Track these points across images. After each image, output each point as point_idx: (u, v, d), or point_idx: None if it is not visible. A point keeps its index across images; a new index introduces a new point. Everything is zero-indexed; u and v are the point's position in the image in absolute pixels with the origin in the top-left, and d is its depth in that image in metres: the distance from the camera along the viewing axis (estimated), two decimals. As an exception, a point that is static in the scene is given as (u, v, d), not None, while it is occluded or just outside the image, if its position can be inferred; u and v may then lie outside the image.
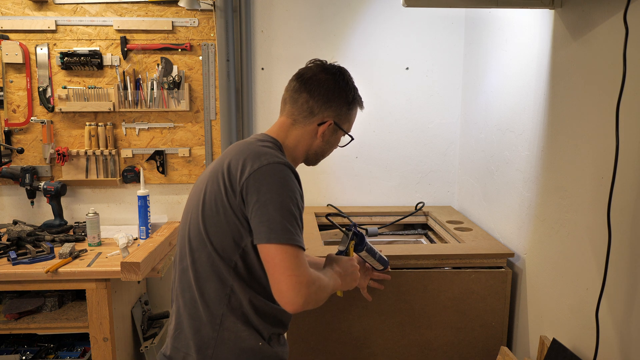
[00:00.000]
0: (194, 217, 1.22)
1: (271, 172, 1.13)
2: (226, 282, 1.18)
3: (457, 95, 2.45)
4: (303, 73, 1.32)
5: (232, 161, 1.18)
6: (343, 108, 1.31)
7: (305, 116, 1.29)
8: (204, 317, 1.19)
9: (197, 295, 1.19)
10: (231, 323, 1.18)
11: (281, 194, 1.11)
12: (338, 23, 2.38)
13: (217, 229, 1.17)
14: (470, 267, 1.75)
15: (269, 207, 1.10)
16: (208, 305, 1.18)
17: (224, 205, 1.16)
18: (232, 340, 1.18)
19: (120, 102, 2.36)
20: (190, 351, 1.19)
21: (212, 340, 1.18)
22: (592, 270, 1.33)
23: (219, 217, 1.16)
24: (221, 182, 1.17)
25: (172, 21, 2.34)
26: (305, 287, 1.08)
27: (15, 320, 2.04)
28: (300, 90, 1.29)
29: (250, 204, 1.12)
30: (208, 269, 1.18)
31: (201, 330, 1.19)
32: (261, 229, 1.10)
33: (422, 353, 1.79)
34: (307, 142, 1.32)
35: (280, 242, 1.09)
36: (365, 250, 1.48)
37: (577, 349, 1.39)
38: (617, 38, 1.19)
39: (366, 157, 2.49)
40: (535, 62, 1.66)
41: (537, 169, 1.65)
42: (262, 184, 1.12)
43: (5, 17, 2.30)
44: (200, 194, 1.23)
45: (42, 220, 2.43)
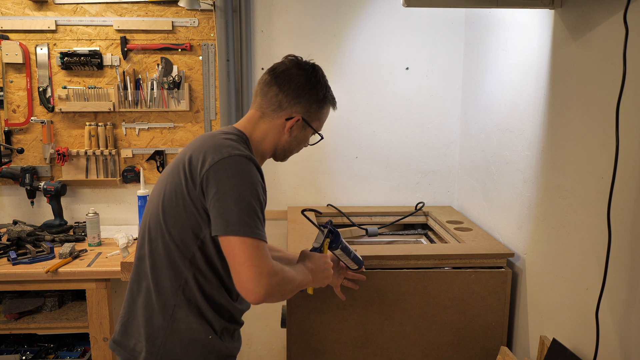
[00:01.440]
0: (154, 207, 1.23)
1: (231, 165, 1.12)
2: (181, 274, 1.18)
3: (457, 95, 2.45)
4: (276, 67, 1.29)
5: (194, 153, 1.17)
6: (313, 105, 1.29)
7: (273, 110, 1.28)
8: (156, 307, 1.20)
9: (152, 285, 1.20)
10: (183, 314, 1.19)
11: (240, 187, 1.11)
12: (338, 23, 2.38)
13: (175, 220, 1.17)
14: (470, 267, 1.75)
15: (227, 199, 1.10)
16: (161, 295, 1.19)
17: (183, 197, 1.16)
18: (182, 331, 1.19)
19: (120, 102, 2.36)
20: (141, 339, 1.20)
21: (162, 329, 1.19)
22: (592, 270, 1.33)
23: (179, 208, 1.17)
24: (182, 173, 1.17)
25: (172, 21, 2.34)
26: (267, 278, 1.07)
27: (15, 320, 2.04)
28: (271, 84, 1.27)
29: (209, 196, 1.12)
30: (164, 259, 1.19)
31: (153, 319, 1.20)
32: (219, 221, 1.10)
33: (422, 353, 1.79)
34: (274, 136, 1.30)
35: (238, 234, 1.08)
36: (340, 248, 1.47)
37: (577, 349, 1.39)
38: (617, 38, 1.19)
39: (366, 157, 2.49)
40: (535, 62, 1.66)
41: (537, 169, 1.65)
42: (221, 176, 1.11)
43: (5, 17, 2.30)
44: (162, 185, 1.23)
45: (42, 220, 2.43)
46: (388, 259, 1.75)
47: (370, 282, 1.73)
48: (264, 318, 2.63)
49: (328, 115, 1.38)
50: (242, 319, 1.34)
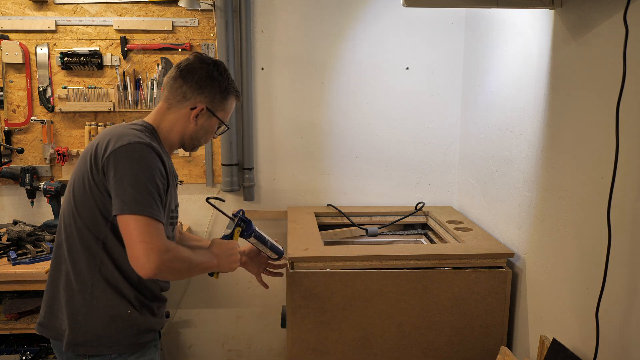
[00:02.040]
0: (67, 195, 1.31)
1: (130, 151, 1.21)
2: (96, 254, 1.26)
3: (457, 95, 2.45)
4: (181, 62, 1.39)
5: (100, 142, 1.26)
6: (217, 96, 1.38)
7: (178, 100, 1.36)
8: (75, 287, 1.27)
9: (70, 267, 1.28)
10: (101, 292, 1.27)
11: (136, 170, 1.20)
12: (338, 23, 2.38)
13: (85, 205, 1.26)
14: (470, 267, 1.75)
15: (124, 181, 1.18)
16: (79, 276, 1.27)
17: (89, 182, 1.25)
18: (102, 308, 1.27)
19: (120, 102, 2.36)
20: (64, 318, 1.28)
21: (82, 307, 1.27)
22: (592, 270, 1.33)
23: (86, 193, 1.25)
24: (88, 160, 1.26)
25: (172, 21, 2.34)
26: (157, 254, 1.14)
27: (15, 320, 2.04)
28: (176, 77, 1.36)
29: (109, 179, 1.21)
30: (79, 243, 1.27)
31: (73, 299, 1.27)
32: (116, 202, 1.18)
33: (423, 353, 1.79)
34: (181, 126, 1.38)
35: (132, 213, 1.16)
36: (254, 237, 1.52)
37: (577, 349, 1.39)
38: (617, 38, 1.19)
39: (366, 157, 2.49)
40: (535, 62, 1.66)
41: (537, 169, 1.65)
42: (119, 161, 1.20)
43: (5, 17, 2.30)
44: (73, 174, 1.32)
45: (42, 220, 2.43)
46: (388, 259, 1.75)
47: (370, 282, 1.73)
48: (263, 318, 2.63)
49: (233, 107, 1.47)
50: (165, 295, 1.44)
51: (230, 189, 2.42)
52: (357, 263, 1.74)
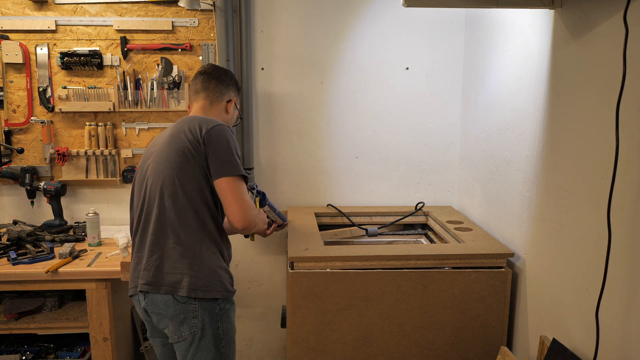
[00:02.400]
0: (165, 170, 1.55)
1: (221, 129, 1.58)
2: (202, 215, 1.55)
3: (457, 95, 2.45)
4: (204, 71, 1.79)
5: (189, 126, 1.58)
6: (237, 90, 1.85)
7: (217, 96, 1.76)
8: (187, 244, 1.52)
9: (179, 228, 1.53)
10: (207, 247, 1.55)
11: (229, 143, 1.57)
12: (338, 23, 2.38)
13: (191, 173, 1.54)
14: (470, 267, 1.75)
15: (221, 152, 1.54)
16: (191, 234, 1.53)
17: (193, 156, 1.54)
18: (209, 260, 1.54)
19: (120, 102, 2.36)
20: (178, 270, 1.51)
21: (196, 259, 1.52)
22: (592, 270, 1.33)
23: (190, 165, 1.54)
24: (186, 139, 1.55)
25: (172, 21, 2.34)
26: (249, 210, 1.53)
27: (15, 320, 2.04)
28: (209, 80, 1.76)
29: (209, 152, 1.55)
30: (188, 207, 1.53)
31: (187, 254, 1.52)
32: (217, 168, 1.53)
33: (423, 353, 1.79)
34: (221, 116, 1.77)
35: (231, 175, 1.53)
36: (268, 205, 1.91)
37: (577, 349, 1.39)
38: (617, 38, 1.19)
39: (366, 157, 2.49)
40: (535, 62, 1.66)
41: (537, 169, 1.65)
42: (215, 137, 1.56)
43: (5, 17, 2.30)
44: (164, 154, 1.58)
45: (42, 220, 2.43)
46: (388, 259, 1.75)
47: (370, 282, 1.73)
48: (263, 318, 2.63)
49: None
50: None
51: (230, 189, 2.42)
52: (357, 263, 1.74)
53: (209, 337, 1.55)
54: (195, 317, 1.53)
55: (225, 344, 1.59)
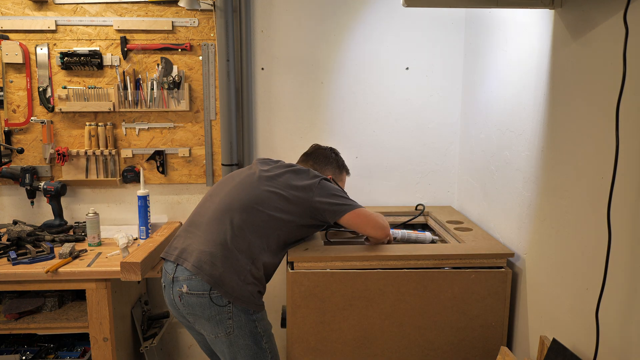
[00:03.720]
0: (254, 194, 1.75)
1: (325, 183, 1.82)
2: (269, 240, 1.71)
3: (457, 95, 2.45)
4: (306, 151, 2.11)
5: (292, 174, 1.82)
6: (337, 169, 2.10)
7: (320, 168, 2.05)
8: (244, 253, 1.66)
9: (251, 237, 1.68)
10: (258, 266, 1.68)
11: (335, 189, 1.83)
12: (338, 23, 2.38)
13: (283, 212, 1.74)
14: (470, 267, 1.75)
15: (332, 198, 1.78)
16: (252, 248, 1.68)
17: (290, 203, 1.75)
18: (254, 276, 1.67)
19: (120, 102, 2.36)
20: (227, 273, 1.63)
21: (245, 270, 1.65)
22: (592, 270, 1.33)
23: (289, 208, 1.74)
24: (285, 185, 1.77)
25: (172, 21, 2.34)
26: (383, 228, 1.81)
27: (15, 320, 2.04)
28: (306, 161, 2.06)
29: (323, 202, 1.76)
30: (265, 226, 1.70)
31: (239, 262, 1.65)
32: (335, 211, 1.77)
33: (423, 353, 1.79)
34: None
35: (350, 211, 1.78)
36: None
37: (577, 349, 1.39)
38: (617, 38, 1.19)
39: (366, 157, 2.49)
40: (535, 62, 1.66)
41: (537, 169, 1.65)
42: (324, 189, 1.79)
43: (5, 17, 2.30)
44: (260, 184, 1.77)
45: (42, 220, 2.43)
46: (388, 259, 1.75)
47: (370, 282, 1.73)
48: (264, 318, 2.63)
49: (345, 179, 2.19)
50: None
51: (230, 189, 2.42)
52: (357, 263, 1.74)
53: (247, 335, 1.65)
54: (230, 317, 1.62)
55: (266, 339, 1.71)
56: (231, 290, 1.61)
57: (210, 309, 1.61)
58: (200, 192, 2.51)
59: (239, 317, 1.63)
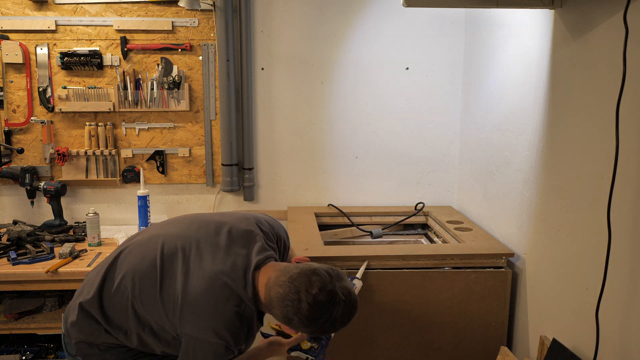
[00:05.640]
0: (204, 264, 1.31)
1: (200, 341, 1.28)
2: None
3: (457, 95, 2.45)
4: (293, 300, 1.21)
5: None
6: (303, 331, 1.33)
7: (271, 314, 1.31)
8: None
9: None
10: None
11: None
12: (338, 23, 2.38)
13: None
14: (470, 267, 1.75)
15: None
16: None
17: None
18: None
19: (120, 102, 2.36)
20: None
21: None
22: (592, 270, 1.33)
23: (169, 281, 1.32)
24: None
25: (172, 21, 2.34)
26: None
27: (15, 320, 2.04)
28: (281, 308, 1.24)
29: None
30: None
31: None
32: None
33: (423, 353, 1.79)
34: None
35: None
36: None
37: (577, 349, 1.39)
38: (617, 38, 1.19)
39: (366, 157, 2.49)
40: (535, 62, 1.66)
41: (537, 169, 1.65)
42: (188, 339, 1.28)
43: (5, 17, 2.30)
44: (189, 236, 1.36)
45: (42, 220, 2.43)
46: (388, 259, 1.75)
47: (370, 282, 1.73)
48: (264, 318, 2.63)
49: None
50: None
51: (230, 189, 2.42)
52: (357, 263, 1.74)
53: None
54: None
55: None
56: None
57: None
58: (200, 192, 2.51)
59: None
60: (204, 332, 1.23)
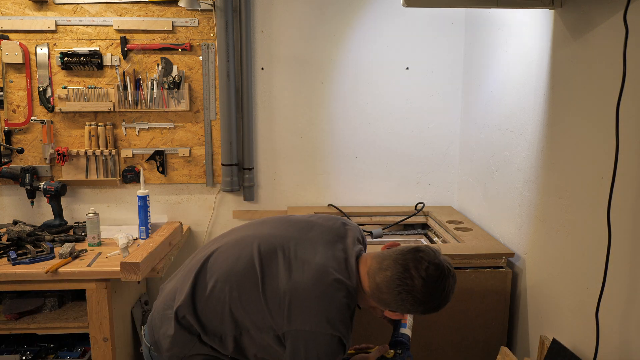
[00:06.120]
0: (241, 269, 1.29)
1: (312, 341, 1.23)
2: None
3: (457, 95, 2.45)
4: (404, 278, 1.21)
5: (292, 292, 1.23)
6: (420, 314, 1.30)
7: (381, 304, 1.29)
8: None
9: None
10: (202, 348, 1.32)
11: None
12: (338, 23, 2.38)
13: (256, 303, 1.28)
14: (470, 267, 1.75)
15: None
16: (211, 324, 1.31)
17: None
18: None
19: (120, 102, 2.36)
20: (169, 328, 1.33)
21: (190, 343, 1.32)
22: (592, 270, 1.33)
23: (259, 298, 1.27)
24: None
25: (172, 21, 2.34)
26: None
27: (15, 320, 2.04)
28: (391, 290, 1.23)
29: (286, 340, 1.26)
30: None
31: None
32: None
33: (423, 353, 1.79)
34: (370, 305, 1.34)
35: None
36: None
37: (577, 349, 1.39)
38: (617, 38, 1.19)
39: (366, 157, 2.49)
40: (535, 62, 1.66)
41: (537, 169, 1.65)
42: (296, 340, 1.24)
43: (5, 17, 2.30)
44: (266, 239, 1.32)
45: (42, 220, 2.43)
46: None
47: (370, 282, 1.73)
48: (264, 318, 2.63)
49: None
50: None
51: (230, 189, 2.42)
52: (357, 263, 1.74)
53: None
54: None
55: None
56: None
57: None
58: (200, 192, 2.51)
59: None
60: (318, 324, 1.19)
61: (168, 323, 1.31)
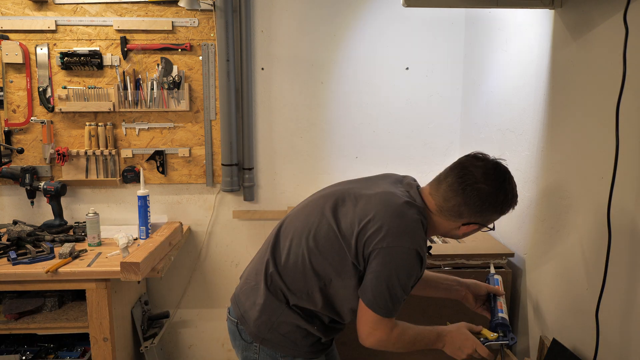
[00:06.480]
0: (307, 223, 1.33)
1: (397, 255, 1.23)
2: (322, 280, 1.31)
3: (457, 95, 2.45)
4: (464, 175, 1.25)
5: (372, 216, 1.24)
6: (494, 215, 1.29)
7: (452, 215, 1.29)
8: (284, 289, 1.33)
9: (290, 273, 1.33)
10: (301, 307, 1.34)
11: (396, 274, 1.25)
12: (338, 23, 2.38)
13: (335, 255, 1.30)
14: (470, 267, 1.75)
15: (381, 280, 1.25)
16: (295, 285, 1.33)
17: (340, 245, 1.29)
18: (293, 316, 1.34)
19: (120, 102, 2.36)
20: (257, 307, 1.35)
21: (279, 309, 1.34)
22: (592, 270, 1.33)
23: (341, 252, 1.28)
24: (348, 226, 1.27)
25: (172, 21, 2.34)
26: (377, 340, 1.29)
27: (15, 320, 2.04)
28: (456, 193, 1.25)
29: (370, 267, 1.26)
30: (299, 268, 1.32)
31: (275, 298, 1.34)
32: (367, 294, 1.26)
33: (423, 353, 1.79)
34: (445, 229, 1.35)
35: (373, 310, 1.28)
36: None
37: (577, 349, 1.39)
38: (617, 38, 1.19)
39: (366, 157, 2.49)
40: (535, 62, 1.66)
41: (537, 169, 1.65)
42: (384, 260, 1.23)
43: (5, 17, 2.30)
44: (320, 209, 1.33)
45: (42, 220, 2.43)
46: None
47: (370, 282, 1.73)
48: (264, 318, 2.63)
49: None
50: None
51: (230, 189, 2.42)
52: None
53: None
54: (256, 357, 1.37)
55: None
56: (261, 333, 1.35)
57: (239, 341, 1.40)
58: (200, 192, 2.51)
59: None
60: (394, 240, 1.20)
61: (255, 293, 1.34)
